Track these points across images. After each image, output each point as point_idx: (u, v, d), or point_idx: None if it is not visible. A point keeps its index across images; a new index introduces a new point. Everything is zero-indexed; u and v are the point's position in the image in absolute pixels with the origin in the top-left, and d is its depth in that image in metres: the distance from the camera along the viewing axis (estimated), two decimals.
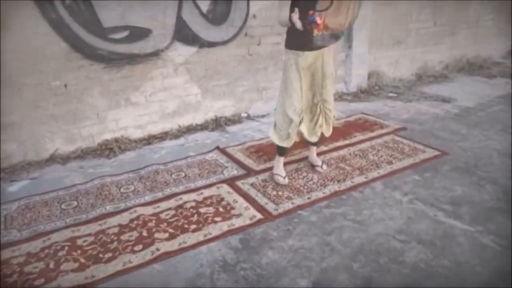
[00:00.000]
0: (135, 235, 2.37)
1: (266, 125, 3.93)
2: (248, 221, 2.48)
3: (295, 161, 3.26)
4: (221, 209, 2.61)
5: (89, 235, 2.38)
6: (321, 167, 3.10)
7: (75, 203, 2.74)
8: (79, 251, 2.24)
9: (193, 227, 2.43)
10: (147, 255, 2.20)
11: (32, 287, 2.01)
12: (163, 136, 3.82)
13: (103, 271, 2.09)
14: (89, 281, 2.04)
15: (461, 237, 2.32)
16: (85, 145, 3.51)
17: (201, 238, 2.33)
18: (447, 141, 3.60)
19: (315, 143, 3.10)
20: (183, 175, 3.09)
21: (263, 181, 2.97)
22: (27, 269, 2.13)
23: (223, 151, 3.48)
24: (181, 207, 2.65)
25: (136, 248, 2.26)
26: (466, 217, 2.50)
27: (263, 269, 2.10)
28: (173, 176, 3.08)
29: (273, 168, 3.00)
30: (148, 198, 2.78)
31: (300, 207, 2.63)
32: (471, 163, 3.19)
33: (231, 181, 2.96)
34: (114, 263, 2.14)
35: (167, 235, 2.36)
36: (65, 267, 2.13)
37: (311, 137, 2.91)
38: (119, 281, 2.04)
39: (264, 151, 3.43)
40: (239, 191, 2.83)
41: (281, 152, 2.95)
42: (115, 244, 2.30)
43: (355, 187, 2.86)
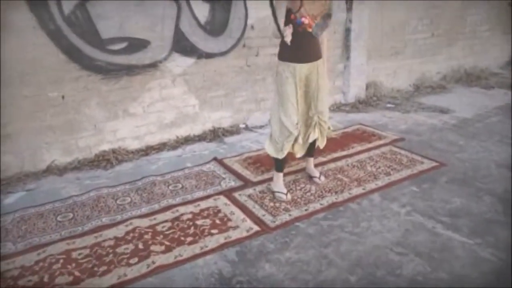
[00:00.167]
0: (130, 247, 2.35)
1: (264, 136, 3.92)
2: (245, 233, 2.46)
3: (293, 172, 3.24)
4: (218, 221, 2.59)
5: (85, 247, 2.36)
6: (319, 178, 3.09)
7: (71, 215, 2.72)
8: (74, 264, 2.22)
9: (190, 239, 2.41)
10: (142, 268, 2.18)
11: None
12: (161, 147, 3.81)
13: (98, 284, 2.07)
14: None
15: (460, 249, 2.30)
16: (82, 156, 3.50)
17: (197, 250, 2.31)
18: (445, 152, 3.60)
19: (312, 154, 3.10)
20: (180, 186, 3.07)
21: (260, 192, 2.96)
22: (21, 282, 2.10)
23: (221, 162, 3.47)
24: (177, 219, 2.63)
25: (131, 261, 2.23)
26: (464, 229, 2.48)
27: (260, 282, 2.08)
28: (170, 187, 3.06)
29: (272, 184, 2.95)
30: (144, 210, 2.76)
31: (297, 219, 2.61)
32: (469, 175, 3.18)
33: (228, 193, 2.95)
34: (109, 277, 2.12)
35: (163, 247, 2.34)
36: (59, 280, 2.11)
37: (299, 152, 2.88)
38: None
39: (262, 162, 3.42)
40: (236, 202, 2.82)
41: (279, 168, 2.90)
42: (111, 257, 2.27)
43: (353, 199, 2.85)
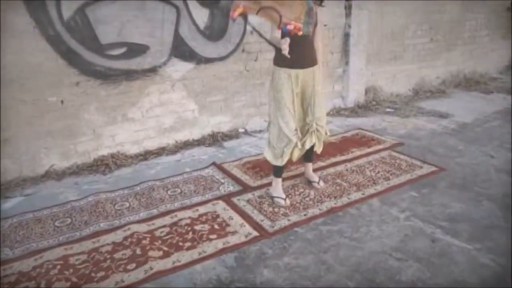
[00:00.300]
0: (128, 253, 2.33)
1: (263, 141, 3.92)
2: (243, 239, 2.45)
3: (292, 177, 3.23)
4: (216, 226, 2.58)
5: (82, 253, 2.35)
6: (318, 183, 3.08)
7: (69, 220, 2.71)
8: (71, 270, 2.21)
9: (188, 244, 2.40)
10: (140, 274, 2.16)
11: None
12: (160, 151, 3.81)
13: None
14: None
15: (459, 255, 2.29)
16: (81, 161, 3.50)
17: (196, 256, 2.30)
18: (444, 157, 3.59)
19: (310, 159, 3.09)
20: (179, 191, 3.07)
21: (259, 197, 2.95)
22: None
23: (220, 167, 3.47)
24: (176, 224, 2.62)
25: (129, 266, 2.22)
26: (464, 235, 2.47)
27: None
28: (169, 192, 3.05)
29: (271, 189, 2.94)
30: (143, 215, 2.75)
31: (296, 224, 2.60)
32: (469, 179, 3.17)
33: (227, 198, 2.94)
34: (106, 283, 2.11)
35: (161, 253, 2.33)
36: (56, 286, 2.09)
37: (296, 156, 2.85)
38: None
39: (261, 167, 3.41)
40: (235, 207, 2.81)
41: (277, 173, 2.89)
42: (108, 262, 2.26)
43: (351, 204, 2.84)
